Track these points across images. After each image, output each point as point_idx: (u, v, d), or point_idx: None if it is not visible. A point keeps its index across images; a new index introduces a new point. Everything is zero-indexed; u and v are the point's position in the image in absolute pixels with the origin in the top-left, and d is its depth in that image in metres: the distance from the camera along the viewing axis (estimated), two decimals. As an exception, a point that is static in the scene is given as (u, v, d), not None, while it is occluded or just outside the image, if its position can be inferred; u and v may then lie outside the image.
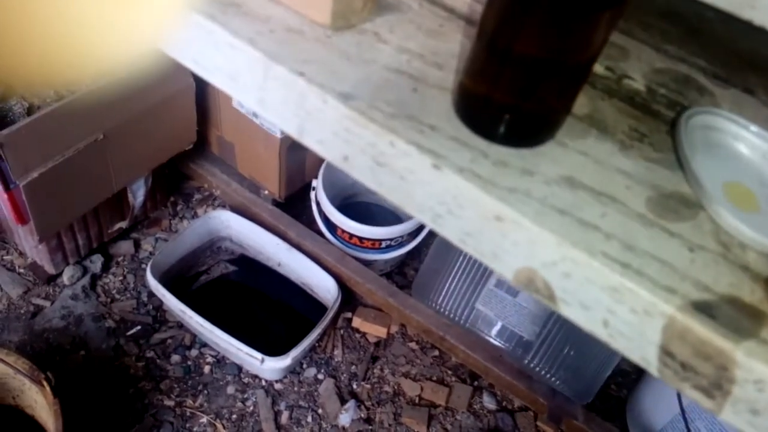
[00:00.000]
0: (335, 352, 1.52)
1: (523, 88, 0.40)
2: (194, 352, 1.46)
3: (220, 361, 1.46)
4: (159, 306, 1.49)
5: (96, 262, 1.49)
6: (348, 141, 0.42)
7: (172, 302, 1.36)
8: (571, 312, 0.38)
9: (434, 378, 1.49)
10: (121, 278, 1.51)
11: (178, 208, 1.64)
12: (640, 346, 0.37)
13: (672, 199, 0.41)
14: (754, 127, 0.44)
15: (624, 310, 0.36)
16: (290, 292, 1.55)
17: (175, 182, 1.65)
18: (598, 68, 0.49)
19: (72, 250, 1.44)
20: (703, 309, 0.35)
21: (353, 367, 1.50)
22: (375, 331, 1.54)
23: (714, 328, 0.34)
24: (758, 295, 0.37)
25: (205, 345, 1.47)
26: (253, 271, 1.56)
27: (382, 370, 1.50)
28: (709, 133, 0.44)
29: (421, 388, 1.47)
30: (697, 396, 0.36)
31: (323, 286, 1.49)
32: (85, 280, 1.47)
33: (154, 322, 1.47)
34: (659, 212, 0.40)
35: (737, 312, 0.36)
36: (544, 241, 0.37)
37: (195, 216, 1.63)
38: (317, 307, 1.49)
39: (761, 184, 0.43)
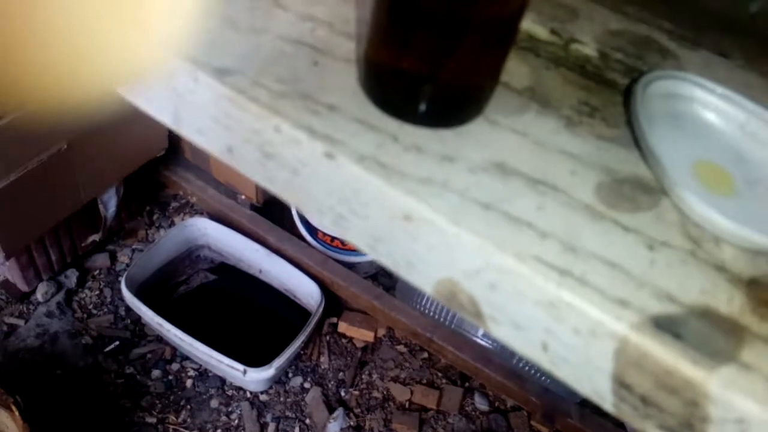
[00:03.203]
0: (321, 359, 1.43)
1: (436, 53, 0.31)
2: (175, 366, 1.38)
3: (203, 374, 1.38)
4: (137, 320, 1.40)
5: (71, 277, 1.41)
6: (229, 128, 0.33)
7: (149, 315, 1.28)
8: (501, 332, 0.30)
9: (424, 381, 1.40)
10: (97, 293, 1.43)
11: (155, 217, 1.56)
12: (588, 375, 0.28)
13: (628, 185, 0.32)
14: (727, 92, 0.35)
15: (565, 330, 0.27)
16: (273, 299, 1.46)
17: (150, 191, 1.57)
18: (542, 32, 0.40)
19: (44, 266, 1.35)
20: (666, 326, 0.26)
21: (341, 373, 1.42)
22: (362, 335, 1.45)
23: (680, 352, 0.25)
24: (738, 304, 0.28)
25: (186, 358, 1.38)
26: (233, 279, 1.48)
27: (370, 375, 1.42)
28: (672, 103, 0.35)
29: (411, 392, 1.39)
30: (664, 438, 0.27)
31: (306, 291, 1.40)
32: (60, 296, 1.39)
33: (133, 337, 1.39)
34: (611, 202, 0.31)
35: (711, 328, 0.27)
36: (463, 244, 0.28)
37: (172, 225, 1.54)
38: (301, 314, 1.40)
39: (738, 162, 0.34)
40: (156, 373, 1.36)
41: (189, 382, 1.36)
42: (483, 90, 0.33)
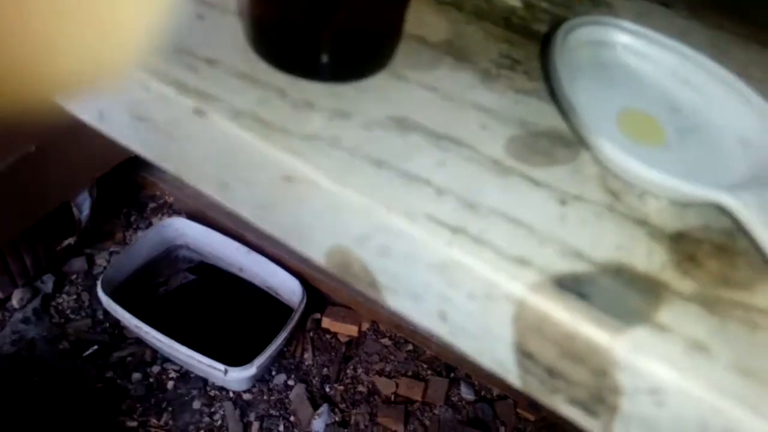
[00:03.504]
0: (305, 356, 1.40)
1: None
2: (156, 369, 1.35)
3: (184, 375, 1.34)
4: (116, 323, 1.37)
5: (47, 282, 1.38)
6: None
7: (126, 318, 1.25)
8: (401, 304, 0.26)
9: (409, 373, 1.37)
10: (75, 297, 1.40)
11: (132, 218, 1.53)
12: (489, 345, 0.25)
13: (545, 139, 0.29)
14: (658, 36, 0.32)
15: (460, 295, 0.24)
16: (254, 297, 1.43)
17: (127, 192, 1.53)
18: (462, -15, 0.37)
19: (19, 272, 1.32)
20: (570, 286, 0.23)
21: (325, 369, 1.38)
22: (346, 330, 1.42)
23: (582, 313, 0.22)
24: (659, 260, 0.25)
25: (167, 360, 1.35)
26: (213, 278, 1.45)
27: (355, 369, 1.38)
28: (597, 51, 0.32)
29: (396, 385, 1.35)
30: (576, 414, 0.24)
31: (287, 287, 1.37)
32: (37, 302, 1.36)
33: (112, 340, 1.36)
34: (523, 156, 0.28)
35: (624, 287, 0.24)
36: (350, 205, 0.25)
37: (150, 226, 1.51)
38: (284, 311, 1.37)
39: (671, 111, 0.30)
40: (136, 376, 1.33)
41: (170, 384, 1.33)
42: (382, 41, 0.30)
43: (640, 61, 0.31)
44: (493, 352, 0.25)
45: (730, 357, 0.22)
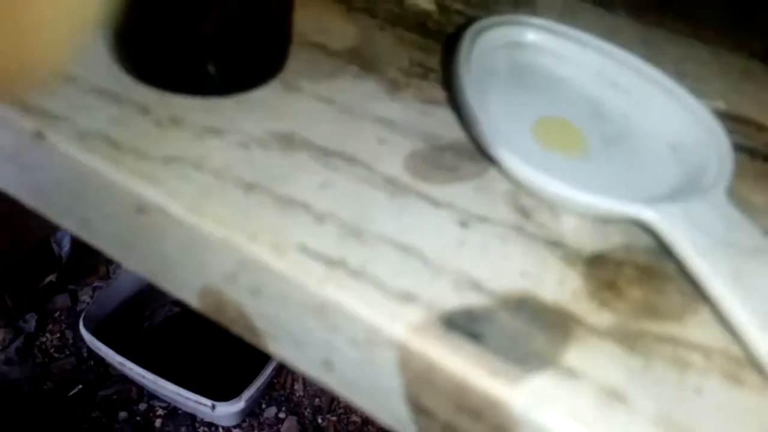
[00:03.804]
0: (296, 387, 1.35)
1: (188, 4, 0.24)
2: (143, 406, 1.30)
3: (172, 412, 1.30)
4: (101, 360, 1.33)
5: (30, 321, 1.35)
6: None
7: (109, 355, 1.21)
8: (283, 352, 0.22)
9: (403, 402, 1.32)
10: (58, 335, 1.36)
11: (116, 253, 1.49)
12: (383, 401, 0.21)
13: (450, 153, 0.25)
14: (579, 34, 0.28)
15: (343, 341, 0.20)
16: (242, 328, 1.39)
17: (110, 226, 1.50)
18: (376, -11, 0.34)
19: (0, 312, 1.29)
20: (462, 325, 0.19)
21: (317, 400, 1.34)
22: (335, 359, 1.37)
23: (474, 358, 0.18)
24: (570, 288, 0.21)
25: (154, 397, 1.31)
26: (199, 310, 1.41)
27: (347, 400, 1.33)
28: (513, 53, 0.28)
29: (390, 415, 1.30)
30: (478, 477, 0.20)
31: (274, 317, 1.33)
32: (19, 342, 1.32)
33: (97, 379, 1.32)
34: (424, 173, 0.24)
35: (526, 323, 0.20)
36: (209, 238, 0.21)
37: (134, 259, 1.48)
38: (271, 341, 1.33)
39: (595, 117, 0.27)
40: (123, 414, 1.29)
41: (158, 422, 1.29)
42: (267, 48, 0.26)
43: (560, 63, 0.28)
44: (388, 407, 0.21)
45: (654, 407, 0.18)
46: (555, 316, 0.20)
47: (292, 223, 0.22)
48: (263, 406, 1.32)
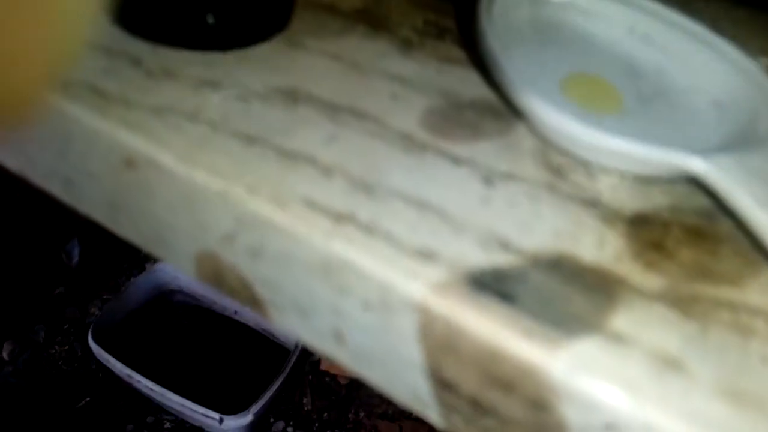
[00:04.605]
0: (304, 400, 1.32)
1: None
2: (150, 419, 1.27)
3: (179, 425, 1.27)
4: (109, 372, 1.30)
5: (39, 333, 1.32)
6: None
7: (117, 368, 1.19)
8: (288, 322, 0.20)
9: (413, 415, 1.28)
10: (67, 347, 1.33)
11: (125, 264, 1.47)
12: (399, 374, 0.18)
13: (470, 110, 0.22)
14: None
15: (354, 305, 0.18)
16: (250, 341, 1.36)
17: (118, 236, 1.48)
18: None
19: (9, 323, 1.26)
20: (489, 285, 0.16)
21: (325, 414, 1.30)
22: (345, 371, 1.33)
23: (508, 320, 0.15)
24: (613, 249, 0.18)
25: (161, 410, 1.28)
26: (208, 322, 1.38)
27: (357, 413, 1.30)
28: (539, 10, 0.25)
29: (400, 428, 1.27)
30: (509, 461, 0.17)
31: (283, 329, 1.30)
32: (28, 354, 1.30)
33: (105, 391, 1.29)
34: (442, 130, 0.21)
35: (564, 284, 0.17)
36: (204, 192, 0.19)
37: (143, 271, 1.45)
38: (281, 353, 1.30)
39: (629, 75, 0.24)
40: (130, 427, 1.26)
41: (165, 435, 1.25)
42: (267, 1, 0.24)
43: (588, 19, 0.25)
44: (406, 382, 0.18)
45: (715, 376, 0.15)
46: (596, 277, 0.17)
47: (296, 176, 0.19)
48: (271, 419, 1.29)
